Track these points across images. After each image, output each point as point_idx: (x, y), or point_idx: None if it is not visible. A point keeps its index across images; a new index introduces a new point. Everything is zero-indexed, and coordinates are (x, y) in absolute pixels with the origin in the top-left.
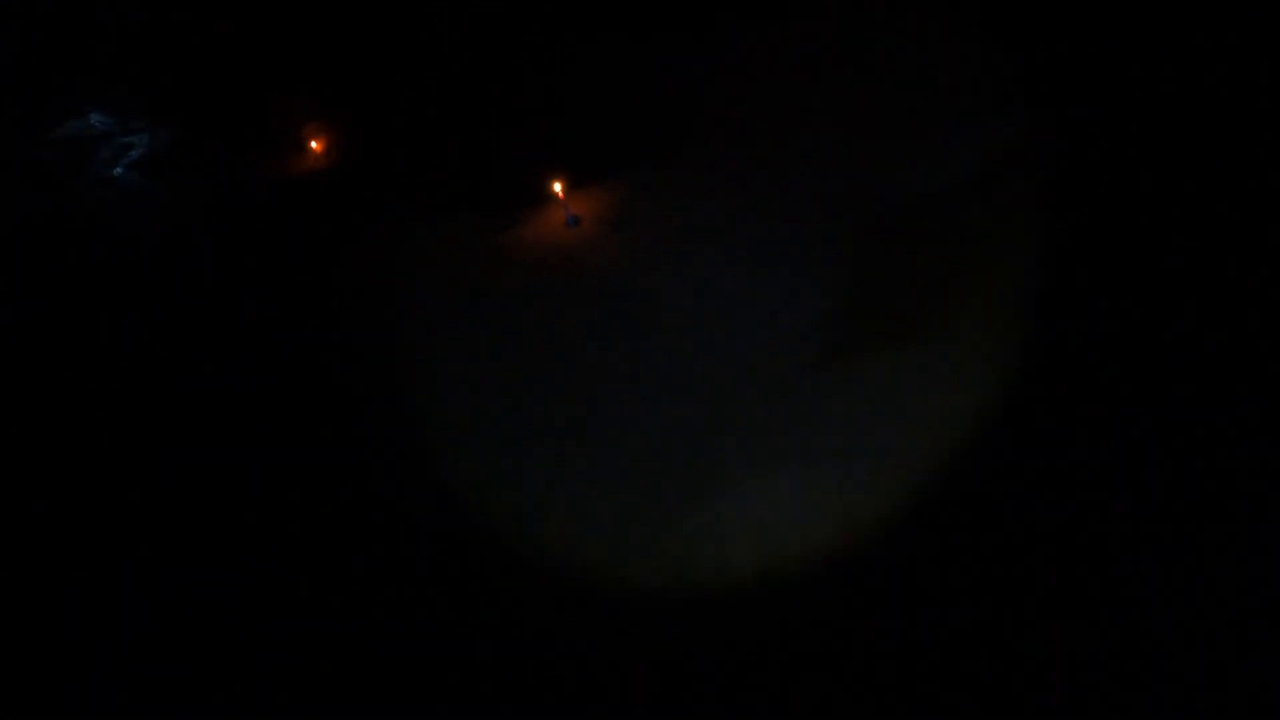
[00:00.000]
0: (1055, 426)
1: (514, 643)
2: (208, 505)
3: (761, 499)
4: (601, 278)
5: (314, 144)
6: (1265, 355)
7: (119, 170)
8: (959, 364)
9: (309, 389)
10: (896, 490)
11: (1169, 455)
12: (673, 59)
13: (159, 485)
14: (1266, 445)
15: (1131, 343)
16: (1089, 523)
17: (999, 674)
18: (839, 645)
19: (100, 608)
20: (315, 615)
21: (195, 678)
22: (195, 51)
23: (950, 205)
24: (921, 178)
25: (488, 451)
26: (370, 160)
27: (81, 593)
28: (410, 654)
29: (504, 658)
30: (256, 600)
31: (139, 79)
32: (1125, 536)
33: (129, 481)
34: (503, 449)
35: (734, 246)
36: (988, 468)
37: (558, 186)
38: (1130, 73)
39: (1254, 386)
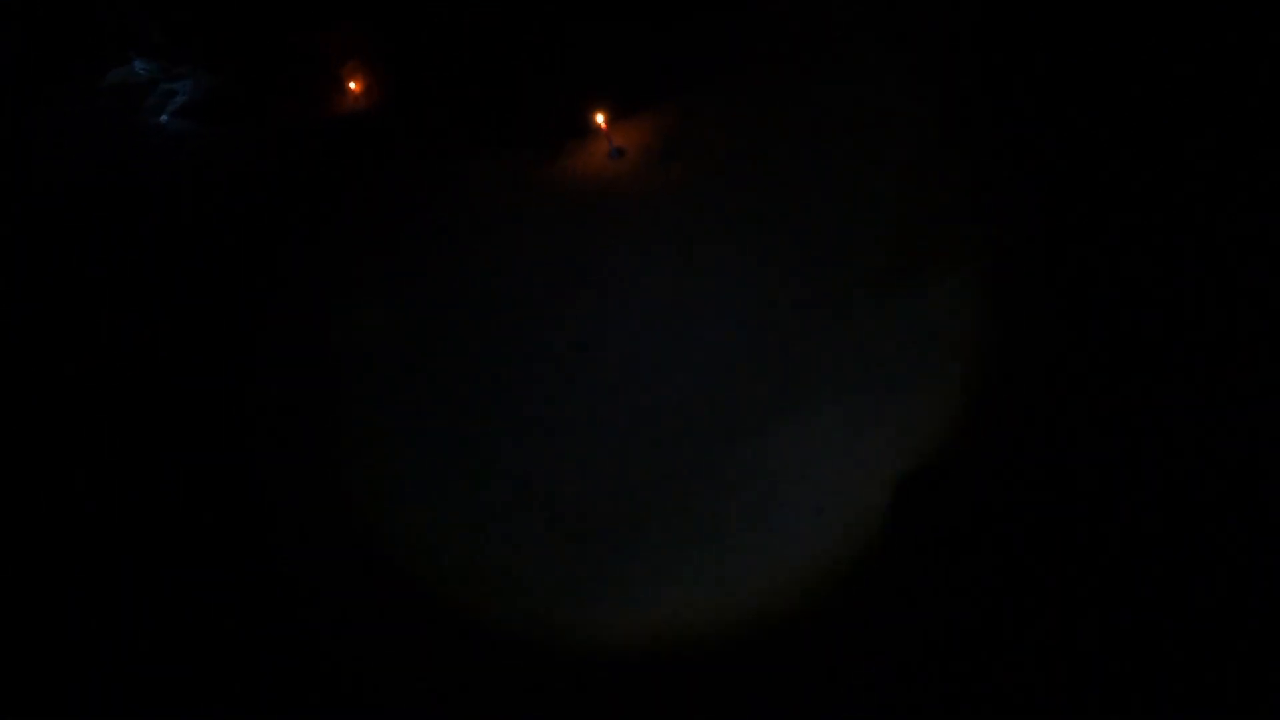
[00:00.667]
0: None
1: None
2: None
3: (813, 430)
4: (646, 210)
5: (353, 84)
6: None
7: (165, 118)
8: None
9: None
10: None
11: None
12: None
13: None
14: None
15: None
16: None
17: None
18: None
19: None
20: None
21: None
22: None
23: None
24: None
25: (537, 384)
26: (409, 98)
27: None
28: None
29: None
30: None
31: (180, 22)
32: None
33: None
34: (553, 377)
35: (782, 174)
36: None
37: (600, 118)
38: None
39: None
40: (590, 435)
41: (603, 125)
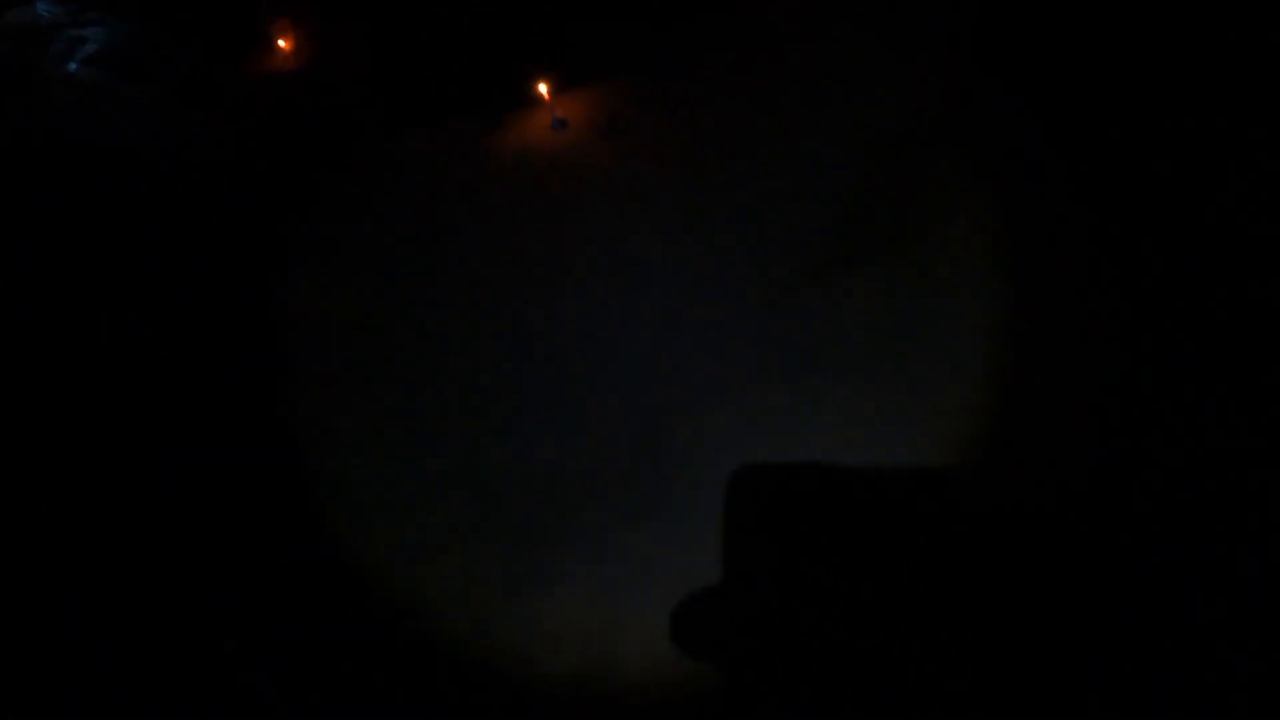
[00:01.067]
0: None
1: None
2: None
3: (755, 412)
4: (588, 185)
5: (282, 42)
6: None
7: (73, 66)
8: (954, 272)
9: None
10: (889, 410)
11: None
12: None
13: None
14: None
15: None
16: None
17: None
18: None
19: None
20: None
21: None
22: None
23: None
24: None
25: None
26: (342, 61)
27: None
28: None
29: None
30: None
31: None
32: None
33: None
34: (491, 355)
35: (738, 153)
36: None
37: (543, 87)
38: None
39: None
40: (528, 415)
41: (546, 95)
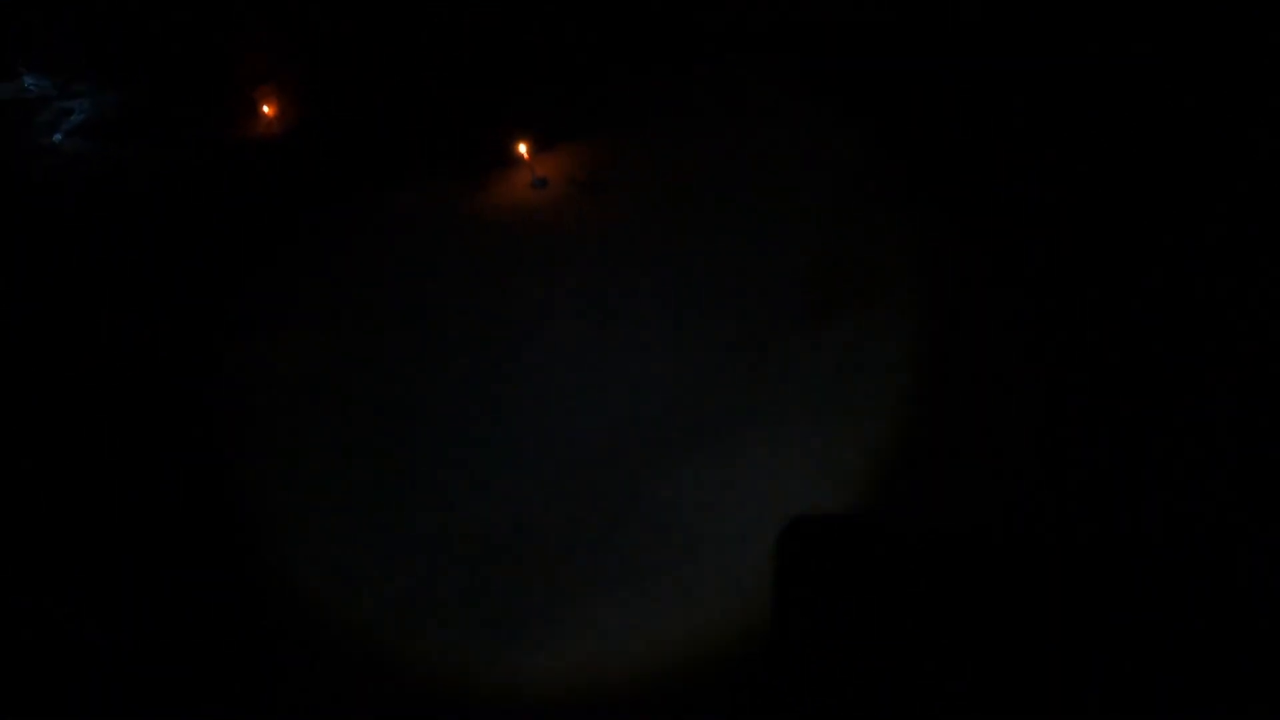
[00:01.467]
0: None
1: None
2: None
3: (731, 461)
4: (568, 241)
5: (266, 108)
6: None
7: (58, 137)
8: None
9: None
10: (874, 450)
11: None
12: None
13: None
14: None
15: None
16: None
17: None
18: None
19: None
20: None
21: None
22: (139, 8)
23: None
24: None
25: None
26: (326, 125)
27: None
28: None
29: None
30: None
31: (78, 37)
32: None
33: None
34: (474, 409)
35: (710, 209)
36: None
37: (523, 147)
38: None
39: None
40: (508, 470)
41: (525, 155)
